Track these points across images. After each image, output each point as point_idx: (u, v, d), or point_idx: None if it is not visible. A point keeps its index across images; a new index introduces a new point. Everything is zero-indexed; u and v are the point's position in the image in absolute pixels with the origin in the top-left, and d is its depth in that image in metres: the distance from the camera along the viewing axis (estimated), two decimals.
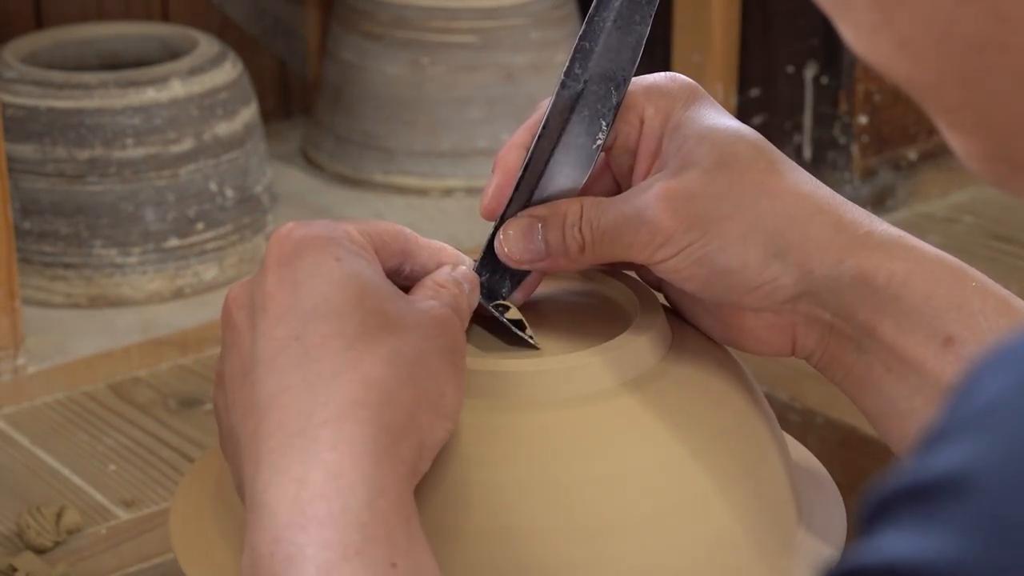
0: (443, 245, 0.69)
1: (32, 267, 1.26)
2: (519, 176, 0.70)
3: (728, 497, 0.67)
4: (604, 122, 0.69)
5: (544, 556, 0.64)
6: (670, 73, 0.71)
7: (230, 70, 1.32)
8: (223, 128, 1.29)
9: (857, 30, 0.44)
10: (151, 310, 1.26)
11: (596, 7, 0.68)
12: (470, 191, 1.47)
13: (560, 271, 0.73)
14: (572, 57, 0.69)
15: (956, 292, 0.67)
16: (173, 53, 1.35)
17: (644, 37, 0.69)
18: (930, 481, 0.38)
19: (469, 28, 1.46)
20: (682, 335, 0.71)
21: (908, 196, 1.53)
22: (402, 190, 1.48)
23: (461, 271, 0.68)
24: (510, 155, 0.70)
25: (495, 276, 0.72)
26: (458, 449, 0.65)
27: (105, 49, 1.39)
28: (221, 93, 1.29)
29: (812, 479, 0.74)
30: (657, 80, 0.70)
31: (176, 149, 1.26)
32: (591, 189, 0.71)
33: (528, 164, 0.70)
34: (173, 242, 1.27)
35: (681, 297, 0.72)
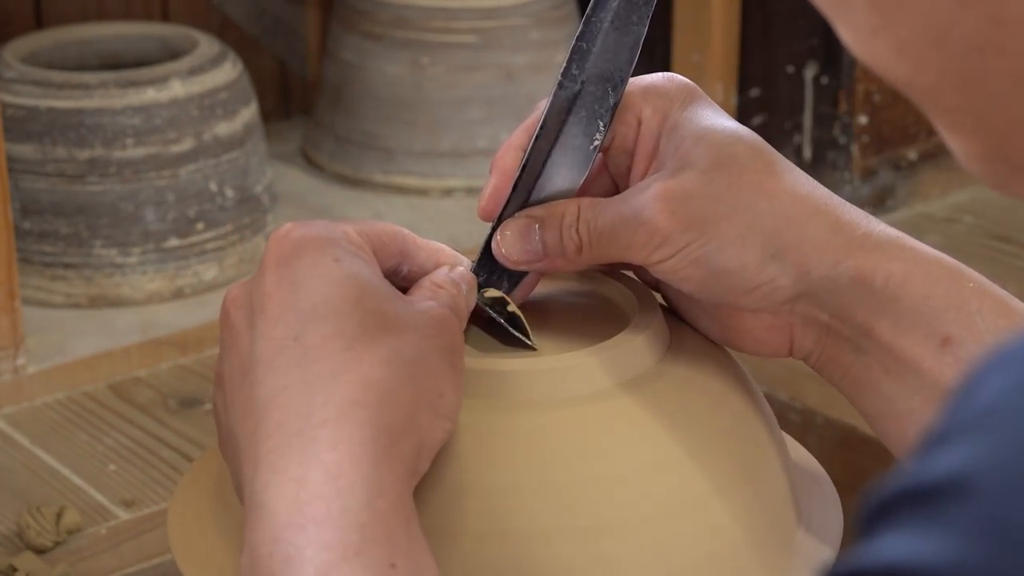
0: (441, 246, 0.69)
1: (32, 267, 1.26)
2: (516, 177, 0.70)
3: (727, 498, 0.67)
4: (601, 123, 0.69)
5: (542, 556, 0.64)
6: (667, 74, 0.71)
7: (230, 70, 1.32)
8: (223, 128, 1.29)
9: (855, 32, 0.44)
10: (151, 310, 1.26)
11: (593, 8, 0.68)
12: (470, 191, 1.46)
13: (558, 272, 0.73)
14: (569, 58, 0.69)
15: (954, 293, 0.67)
16: (173, 53, 1.34)
17: (641, 38, 0.68)
18: (930, 483, 0.38)
19: (469, 28, 1.46)
20: (681, 335, 0.71)
21: (908, 196, 1.53)
22: (402, 190, 1.48)
23: (459, 272, 0.68)
24: (507, 156, 0.70)
25: (493, 277, 0.72)
26: (457, 449, 0.65)
27: (105, 49, 1.39)
28: (221, 93, 1.29)
29: (811, 479, 0.74)
30: (655, 80, 0.70)
31: (176, 149, 1.26)
32: (588, 190, 0.71)
33: (525, 165, 0.70)
34: (173, 242, 1.27)
35: (679, 297, 0.72)
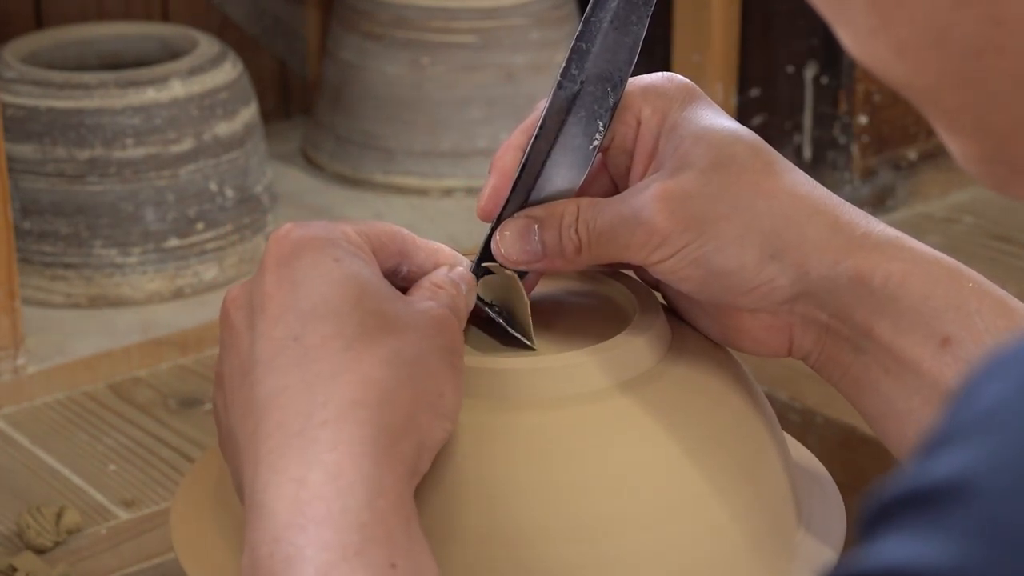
0: (440, 246, 0.69)
1: (32, 267, 1.26)
2: (516, 177, 0.70)
3: (727, 498, 0.67)
4: (601, 123, 0.69)
5: (543, 556, 0.64)
6: (667, 73, 0.71)
7: (230, 70, 1.32)
8: (223, 128, 1.29)
9: (855, 34, 0.44)
10: (151, 310, 1.26)
11: (592, 8, 0.68)
12: (470, 191, 1.46)
13: (557, 272, 0.73)
14: (568, 58, 0.69)
15: (953, 293, 0.67)
16: (173, 53, 1.34)
17: (641, 38, 0.68)
18: (931, 486, 0.37)
19: (469, 28, 1.46)
20: (682, 335, 0.71)
21: (908, 196, 1.53)
22: (402, 190, 1.48)
23: (458, 272, 0.68)
24: (506, 156, 0.70)
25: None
26: (457, 449, 0.65)
27: (105, 49, 1.39)
28: (221, 93, 1.29)
29: (812, 479, 0.74)
30: (654, 80, 0.70)
31: (176, 149, 1.26)
32: (588, 190, 0.71)
33: (525, 165, 0.70)
34: (173, 242, 1.27)
35: (678, 297, 0.72)
